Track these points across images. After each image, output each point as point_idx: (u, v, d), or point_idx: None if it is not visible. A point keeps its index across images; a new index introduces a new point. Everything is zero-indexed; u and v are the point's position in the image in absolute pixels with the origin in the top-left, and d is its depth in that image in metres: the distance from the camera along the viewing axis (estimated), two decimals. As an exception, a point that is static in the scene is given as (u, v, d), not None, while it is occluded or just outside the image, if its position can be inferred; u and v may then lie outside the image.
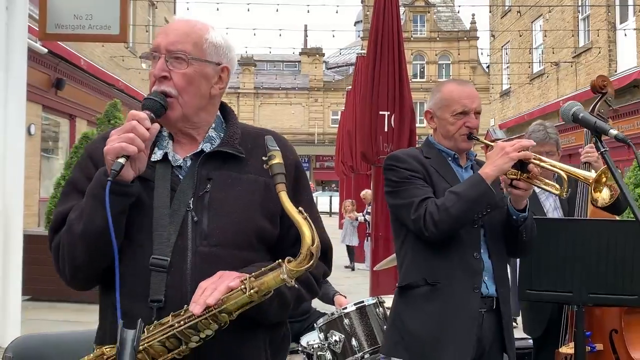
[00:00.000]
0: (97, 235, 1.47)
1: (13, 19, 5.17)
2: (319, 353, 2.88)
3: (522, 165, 2.22)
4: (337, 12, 18.53)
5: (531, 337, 3.30)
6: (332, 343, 2.87)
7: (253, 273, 1.44)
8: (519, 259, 2.71)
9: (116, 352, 1.25)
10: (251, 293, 1.40)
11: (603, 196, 2.03)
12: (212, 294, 1.40)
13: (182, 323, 1.41)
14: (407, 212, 2.35)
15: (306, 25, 44.84)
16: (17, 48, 5.25)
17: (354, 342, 2.88)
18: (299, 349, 3.21)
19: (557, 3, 19.04)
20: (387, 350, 2.48)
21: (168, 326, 1.42)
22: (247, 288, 1.40)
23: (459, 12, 43.44)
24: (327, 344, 2.88)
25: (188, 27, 1.63)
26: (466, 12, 52.41)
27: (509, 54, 24.13)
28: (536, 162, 2.21)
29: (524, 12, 21.51)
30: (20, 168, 5.34)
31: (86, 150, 1.73)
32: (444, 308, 2.33)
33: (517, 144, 2.22)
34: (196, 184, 1.58)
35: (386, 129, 6.49)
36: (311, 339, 3.01)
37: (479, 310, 2.35)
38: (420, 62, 41.11)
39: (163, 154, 1.62)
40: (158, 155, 1.62)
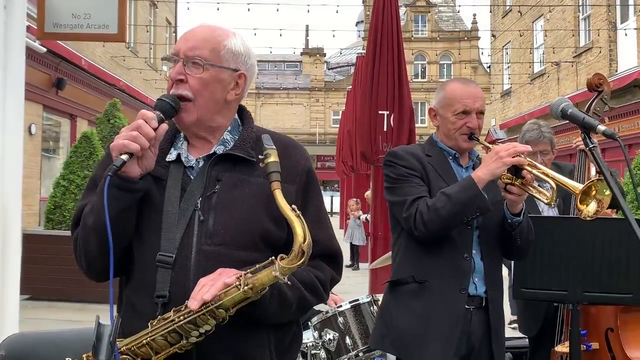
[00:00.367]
0: (106, 229, 1.49)
1: (11, 18, 5.17)
2: (313, 352, 2.88)
3: (517, 170, 2.21)
4: (338, 12, 18.52)
5: (527, 336, 3.30)
6: (326, 341, 2.87)
7: (248, 271, 1.47)
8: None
9: (92, 347, 1.27)
10: (246, 289, 1.43)
11: (589, 209, 1.99)
12: (209, 290, 1.44)
13: (182, 318, 1.45)
14: (400, 210, 2.36)
15: (307, 25, 44.81)
16: (15, 47, 5.24)
17: (348, 341, 2.89)
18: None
19: (558, 3, 19.02)
20: (374, 342, 2.54)
21: (169, 321, 1.47)
22: (242, 284, 1.43)
23: (459, 12, 43.41)
24: (322, 343, 2.88)
25: (208, 33, 1.67)
26: (468, 12, 52.43)
27: (510, 54, 24.12)
28: (529, 169, 2.20)
29: (525, 12, 21.50)
30: (18, 167, 5.34)
31: (108, 149, 1.78)
32: (429, 306, 2.35)
33: (512, 149, 2.21)
34: (205, 185, 1.63)
35: (385, 129, 6.49)
36: (305, 337, 3.01)
37: (467, 307, 2.36)
38: (421, 62, 41.08)
39: (177, 155, 1.67)
40: (173, 155, 1.68)
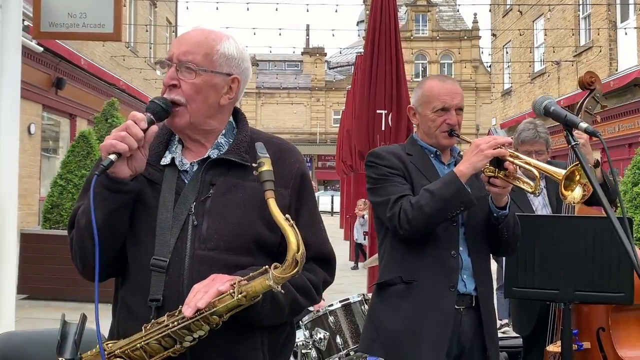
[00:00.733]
0: (99, 229, 1.50)
1: (7, 16, 5.16)
2: (304, 351, 2.88)
3: (499, 162, 2.19)
4: (337, 12, 18.48)
5: (520, 336, 3.29)
6: (317, 341, 2.86)
7: (243, 277, 1.48)
8: (505, 256, 2.68)
9: (57, 345, 1.27)
10: (239, 297, 1.44)
11: (574, 195, 1.99)
12: (203, 298, 1.44)
13: (176, 324, 1.46)
14: (384, 210, 2.33)
15: (308, 25, 44.81)
16: (11, 45, 5.24)
17: (339, 340, 2.88)
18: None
19: (558, 2, 18.99)
20: (364, 347, 2.48)
21: (163, 326, 1.47)
22: (236, 292, 1.44)
23: (459, 11, 43.35)
24: (312, 342, 2.87)
25: (201, 38, 1.66)
26: (468, 12, 52.38)
27: (510, 53, 24.09)
28: (511, 160, 2.18)
29: (525, 11, 21.50)
30: (14, 166, 5.34)
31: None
32: (418, 306, 2.31)
33: (493, 141, 2.20)
34: (199, 189, 1.63)
35: (383, 128, 6.48)
36: (296, 337, 3.01)
37: (457, 307, 2.33)
38: (422, 62, 41.05)
39: (171, 159, 1.68)
40: (167, 159, 1.68)
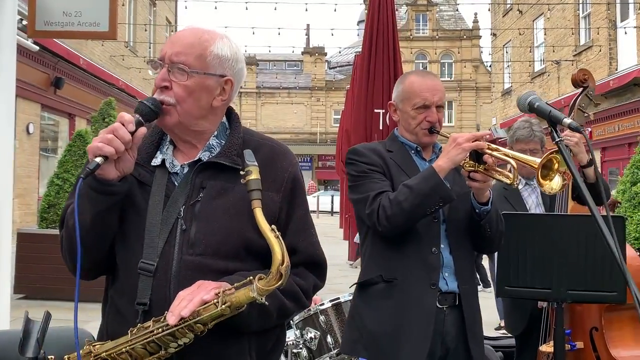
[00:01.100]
0: (86, 230, 1.50)
1: (2, 15, 5.16)
2: (295, 350, 2.86)
3: (478, 156, 2.17)
4: (336, 11, 18.41)
5: (513, 335, 3.26)
6: (308, 340, 2.84)
7: (227, 288, 1.46)
8: (497, 255, 2.66)
9: (19, 343, 1.27)
10: (223, 307, 1.43)
11: (552, 184, 1.97)
12: (187, 306, 1.43)
13: (161, 330, 1.45)
14: (363, 207, 2.30)
15: (308, 24, 44.80)
16: (6, 45, 5.24)
17: (330, 339, 2.86)
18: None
19: (558, 1, 18.97)
20: (346, 348, 2.43)
21: (149, 331, 1.46)
22: (220, 302, 1.43)
23: (457, 10, 43.31)
24: (303, 341, 2.86)
25: (194, 38, 1.63)
26: (469, 11, 52.34)
27: (510, 53, 24.07)
28: (489, 152, 2.16)
29: (525, 11, 21.47)
30: (9, 165, 5.34)
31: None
32: (400, 305, 2.28)
33: (470, 134, 2.18)
34: (189, 193, 1.61)
35: (381, 127, 6.45)
36: (286, 336, 2.99)
37: (440, 306, 2.30)
38: (422, 61, 41.01)
39: (162, 160, 1.65)
40: (158, 160, 1.65)
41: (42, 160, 14.02)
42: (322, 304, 2.94)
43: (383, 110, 6.45)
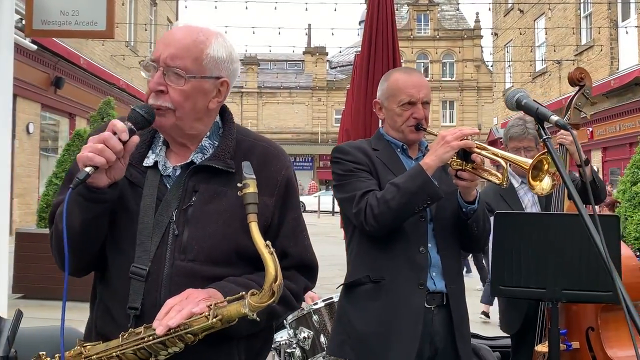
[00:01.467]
0: (75, 234, 1.47)
1: (0, 14, 5.14)
2: (288, 350, 2.84)
3: (466, 154, 2.14)
4: (336, 10, 18.38)
5: (508, 335, 3.24)
6: (301, 340, 2.82)
7: (219, 301, 1.44)
8: (491, 254, 2.64)
9: None
10: (214, 321, 1.42)
11: (542, 185, 1.96)
12: (175, 318, 1.40)
13: (151, 338, 1.43)
14: (349, 206, 2.27)
15: (310, 24, 44.76)
16: (4, 44, 5.24)
17: (323, 339, 2.83)
18: (272, 346, 3.14)
19: (559, 1, 18.94)
20: (333, 350, 2.39)
21: (139, 338, 1.45)
22: (211, 315, 1.42)
23: (459, 10, 43.26)
24: (296, 341, 2.84)
25: (190, 40, 1.56)
26: (471, 11, 52.27)
27: (511, 52, 24.04)
28: (478, 151, 2.13)
29: (526, 10, 21.44)
30: (6, 165, 5.32)
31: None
32: (388, 305, 2.25)
33: (459, 132, 2.14)
34: (182, 196, 1.57)
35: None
36: (280, 336, 2.97)
37: (428, 306, 2.28)
38: (423, 61, 40.99)
39: (154, 161, 1.62)
40: (150, 160, 1.62)
41: (42, 160, 14.03)
42: (316, 304, 2.92)
43: (383, 109, 6.44)
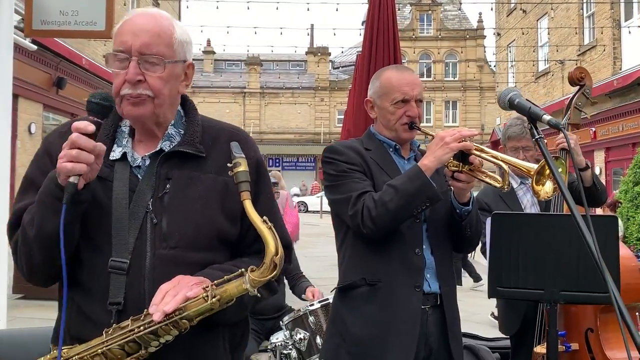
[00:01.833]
0: (49, 240, 1.45)
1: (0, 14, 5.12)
2: (284, 351, 2.82)
3: (464, 156, 2.12)
4: (337, 10, 18.40)
5: (507, 336, 3.23)
6: (297, 341, 2.80)
7: (215, 281, 1.43)
8: (489, 255, 2.62)
9: None
10: (213, 301, 1.41)
11: (545, 189, 1.97)
12: (170, 303, 1.39)
13: (142, 328, 1.41)
14: (345, 208, 2.23)
15: (312, 24, 44.78)
16: (3, 44, 5.23)
17: (319, 340, 2.82)
18: (269, 347, 3.13)
19: (562, 0, 18.89)
20: (327, 354, 2.36)
21: (128, 330, 1.42)
22: (209, 296, 1.41)
23: (462, 10, 43.20)
24: (293, 342, 2.82)
25: (157, 27, 1.57)
26: (474, 11, 52.27)
27: (514, 53, 24.00)
28: (477, 153, 2.11)
29: (529, 10, 21.39)
30: (6, 165, 5.32)
31: (43, 144, 1.71)
32: (384, 308, 2.22)
33: (457, 134, 2.12)
34: (156, 185, 1.56)
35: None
36: (276, 338, 2.95)
37: (423, 307, 2.26)
38: (426, 61, 40.95)
39: (122, 153, 1.59)
40: (117, 153, 1.59)
41: (45, 160, 14.03)
42: (312, 305, 2.91)
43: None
